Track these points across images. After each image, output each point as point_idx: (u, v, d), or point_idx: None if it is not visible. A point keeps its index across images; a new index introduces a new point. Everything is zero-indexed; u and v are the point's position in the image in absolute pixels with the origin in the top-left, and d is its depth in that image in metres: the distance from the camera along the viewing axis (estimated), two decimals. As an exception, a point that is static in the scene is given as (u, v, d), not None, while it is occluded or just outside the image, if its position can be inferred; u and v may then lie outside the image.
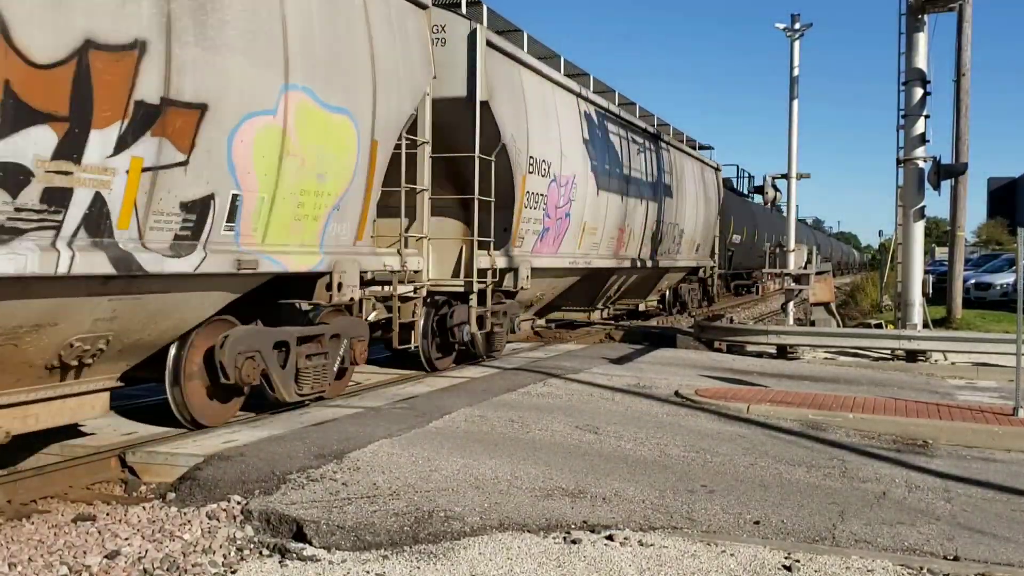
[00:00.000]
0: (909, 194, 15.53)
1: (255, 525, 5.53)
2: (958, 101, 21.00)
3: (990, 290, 28.11)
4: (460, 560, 4.98)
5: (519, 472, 6.67)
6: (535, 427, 8.31)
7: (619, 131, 17.98)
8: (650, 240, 20.04)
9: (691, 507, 6.01)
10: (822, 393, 10.59)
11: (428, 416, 8.61)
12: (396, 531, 5.35)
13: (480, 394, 10.03)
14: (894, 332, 15.11)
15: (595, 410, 9.31)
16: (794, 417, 9.11)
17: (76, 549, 5.22)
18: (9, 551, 5.18)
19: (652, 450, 7.62)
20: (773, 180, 19.72)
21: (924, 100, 15.33)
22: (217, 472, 6.44)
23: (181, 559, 5.04)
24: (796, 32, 17.97)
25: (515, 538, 5.31)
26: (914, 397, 10.54)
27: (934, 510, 6.17)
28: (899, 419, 8.87)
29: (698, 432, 8.40)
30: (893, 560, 5.07)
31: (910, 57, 15.39)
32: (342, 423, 8.27)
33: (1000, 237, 54.29)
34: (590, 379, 11.43)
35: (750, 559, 5.05)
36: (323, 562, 5.00)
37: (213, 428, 8.01)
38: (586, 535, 5.37)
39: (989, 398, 10.87)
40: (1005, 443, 8.33)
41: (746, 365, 13.53)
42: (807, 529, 5.65)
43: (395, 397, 9.85)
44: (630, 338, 17.64)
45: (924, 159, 15.47)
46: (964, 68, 20.85)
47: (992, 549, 5.35)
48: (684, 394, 10.21)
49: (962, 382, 12.57)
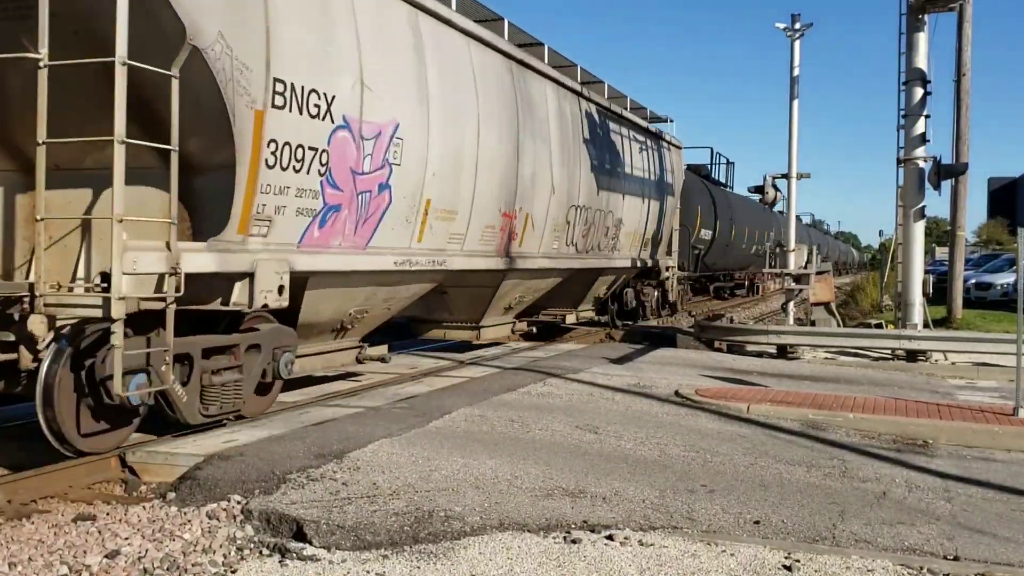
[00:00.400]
0: (909, 194, 15.53)
1: (255, 525, 5.53)
2: (958, 101, 21.00)
3: (990, 290, 28.11)
4: (460, 560, 4.98)
5: (519, 472, 6.67)
6: (535, 427, 8.31)
7: (502, 70, 12.37)
8: (567, 231, 14.90)
9: (691, 507, 6.00)
10: (822, 393, 10.59)
11: (428, 416, 8.61)
12: (396, 531, 5.35)
13: (480, 394, 10.04)
14: (894, 332, 15.11)
15: (595, 410, 9.31)
16: (794, 417, 9.11)
17: (76, 549, 5.22)
18: (9, 551, 5.18)
19: (652, 450, 7.62)
20: (773, 180, 19.72)
21: (924, 100, 15.32)
22: (217, 472, 6.44)
23: (181, 559, 5.04)
24: (796, 32, 17.98)
25: (515, 538, 5.31)
26: (914, 397, 10.54)
27: (934, 510, 6.16)
28: (899, 419, 8.87)
29: (698, 432, 8.39)
30: (893, 560, 5.07)
31: (910, 57, 15.39)
32: (342, 423, 8.27)
33: (1000, 237, 54.27)
34: (590, 379, 11.42)
35: (750, 559, 5.05)
36: (323, 562, 5.00)
37: (211, 428, 8.01)
38: (586, 535, 5.37)
39: (989, 398, 10.87)
40: (1005, 443, 8.33)
41: (746, 365, 13.53)
42: (807, 529, 5.64)
43: (395, 397, 9.86)
44: (630, 338, 17.65)
45: (924, 159, 15.46)
46: (964, 68, 20.85)
47: (992, 549, 5.35)
48: (684, 394, 10.20)
49: (962, 382, 12.57)
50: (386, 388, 10.65)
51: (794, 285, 17.26)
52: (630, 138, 18.03)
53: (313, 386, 10.86)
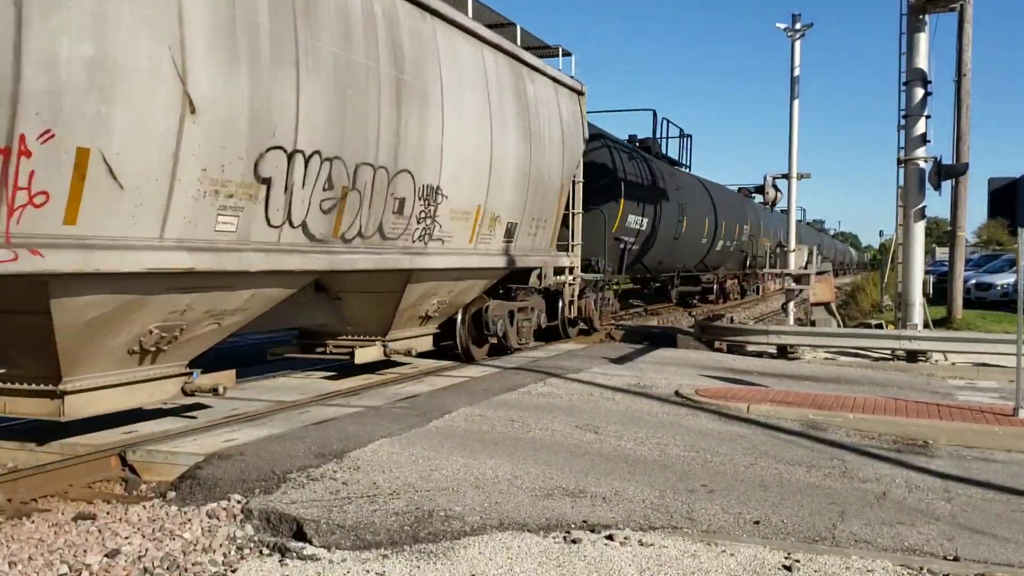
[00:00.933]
0: (910, 194, 15.53)
1: (255, 524, 5.53)
2: (959, 101, 20.99)
3: (990, 290, 28.10)
4: (460, 559, 4.98)
5: (519, 471, 6.68)
6: (535, 426, 8.32)
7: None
8: (272, 198, 7.91)
9: (691, 507, 6.01)
10: (822, 393, 10.59)
11: (428, 415, 8.61)
12: (396, 530, 5.35)
13: (480, 393, 10.04)
14: (894, 332, 15.10)
15: (595, 410, 9.31)
16: (794, 417, 9.11)
17: (76, 548, 5.22)
18: (9, 549, 5.18)
19: (652, 450, 7.62)
20: (774, 180, 19.71)
21: (925, 100, 15.32)
22: (217, 471, 6.44)
23: (181, 558, 5.05)
24: (797, 32, 17.96)
25: (515, 537, 5.31)
26: (914, 397, 10.53)
27: (934, 510, 6.16)
28: (899, 419, 8.87)
29: (698, 432, 8.40)
30: (893, 560, 5.07)
31: (911, 57, 15.38)
32: (342, 422, 8.27)
33: (1001, 237, 54.25)
34: (590, 379, 11.42)
35: (750, 559, 5.05)
36: (323, 561, 5.00)
37: (214, 427, 8.01)
38: (586, 535, 5.37)
39: (989, 398, 10.86)
40: (1005, 443, 8.33)
41: (746, 365, 13.52)
42: (807, 529, 5.64)
43: (395, 396, 9.86)
44: (630, 338, 17.63)
45: (925, 159, 15.46)
46: (965, 68, 20.84)
47: (992, 549, 5.35)
48: (684, 394, 10.20)
49: (962, 382, 12.57)
50: (386, 388, 10.65)
51: (794, 285, 17.26)
52: (482, 65, 11.75)
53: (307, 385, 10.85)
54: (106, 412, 7.28)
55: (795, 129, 18.08)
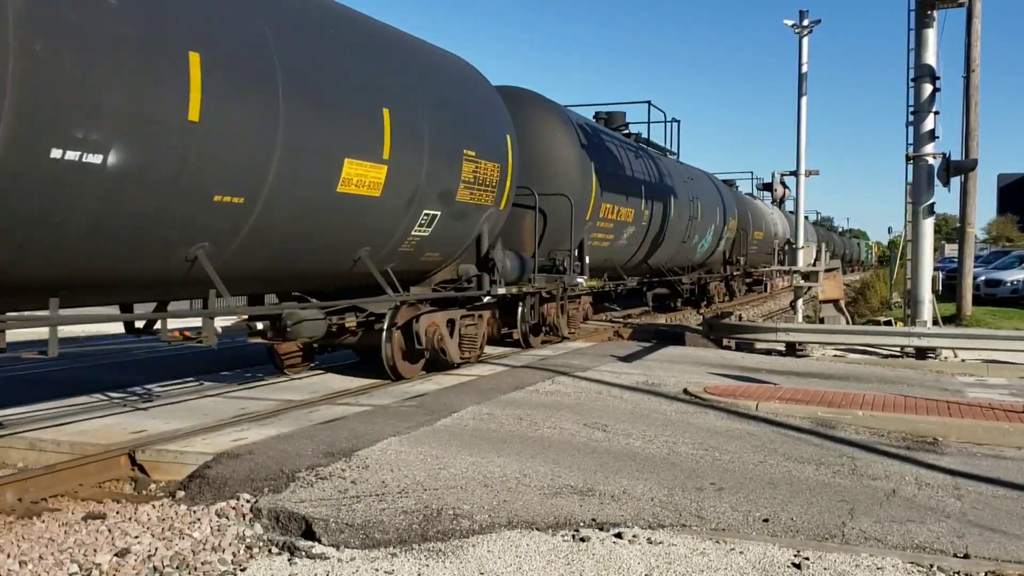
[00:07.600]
0: (918, 191, 15.48)
1: (264, 523, 5.54)
2: (967, 97, 20.94)
3: (1000, 287, 28.01)
4: (469, 558, 4.99)
5: (528, 470, 6.67)
6: (544, 425, 8.31)
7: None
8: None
9: (700, 505, 5.99)
10: (831, 390, 10.56)
11: (436, 414, 8.62)
12: (405, 529, 5.35)
13: (488, 392, 10.04)
14: (904, 329, 15.06)
15: (604, 408, 9.31)
16: (803, 415, 9.09)
17: (86, 547, 5.24)
18: (20, 549, 5.20)
19: (661, 448, 7.61)
20: (782, 177, 19.67)
21: (933, 96, 15.28)
22: (226, 470, 6.45)
23: (191, 557, 5.06)
24: (805, 28, 17.92)
25: (524, 536, 5.31)
26: (924, 394, 10.50)
27: (944, 507, 6.14)
28: (909, 416, 8.84)
29: (707, 430, 8.38)
30: (903, 558, 5.05)
31: (919, 53, 15.34)
32: (350, 421, 8.28)
33: (1010, 234, 54.10)
34: (598, 377, 11.41)
35: (759, 557, 5.04)
36: (332, 560, 5.00)
37: (223, 426, 8.03)
38: (595, 533, 5.37)
39: (999, 395, 10.82)
40: (1015, 440, 8.29)
41: (755, 362, 13.50)
42: (816, 527, 5.63)
43: (403, 395, 9.86)
44: (638, 335, 17.63)
45: (934, 155, 15.41)
46: (973, 64, 20.77)
47: (1003, 547, 5.32)
48: (693, 392, 10.19)
49: (972, 379, 12.52)
50: (395, 386, 10.66)
51: (802, 282, 17.23)
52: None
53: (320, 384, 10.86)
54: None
55: (803, 126, 18.06)
